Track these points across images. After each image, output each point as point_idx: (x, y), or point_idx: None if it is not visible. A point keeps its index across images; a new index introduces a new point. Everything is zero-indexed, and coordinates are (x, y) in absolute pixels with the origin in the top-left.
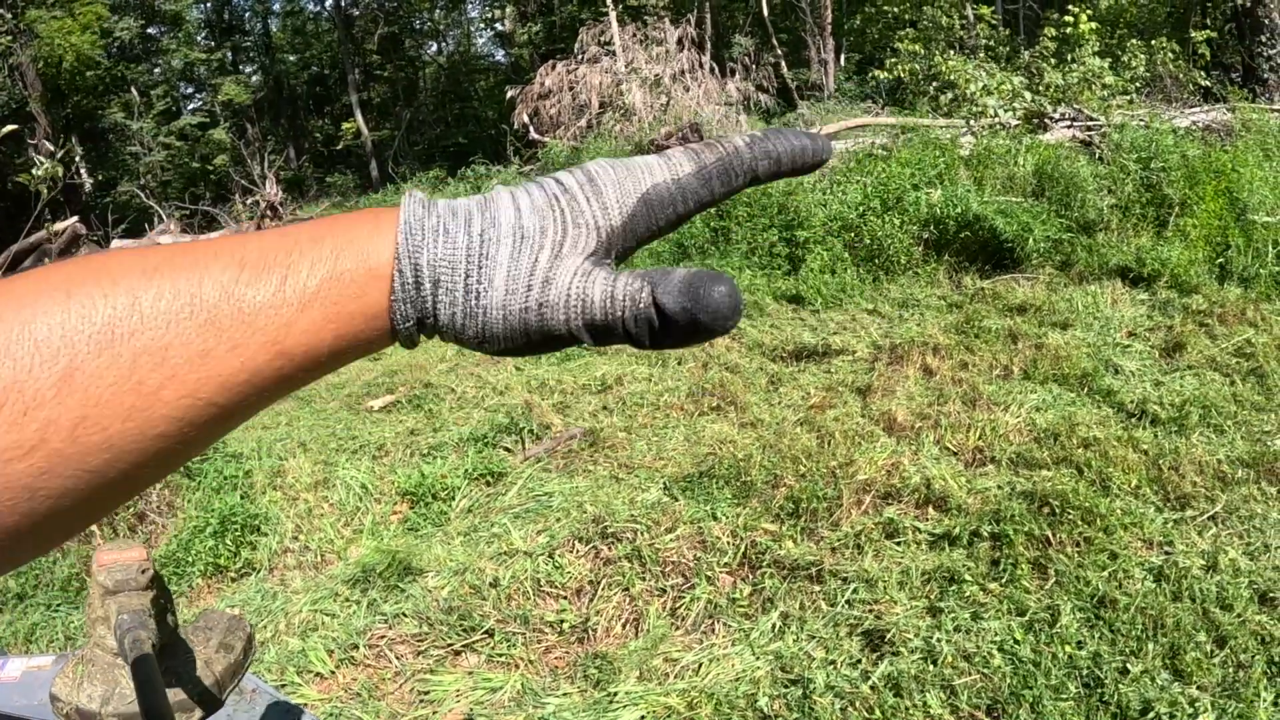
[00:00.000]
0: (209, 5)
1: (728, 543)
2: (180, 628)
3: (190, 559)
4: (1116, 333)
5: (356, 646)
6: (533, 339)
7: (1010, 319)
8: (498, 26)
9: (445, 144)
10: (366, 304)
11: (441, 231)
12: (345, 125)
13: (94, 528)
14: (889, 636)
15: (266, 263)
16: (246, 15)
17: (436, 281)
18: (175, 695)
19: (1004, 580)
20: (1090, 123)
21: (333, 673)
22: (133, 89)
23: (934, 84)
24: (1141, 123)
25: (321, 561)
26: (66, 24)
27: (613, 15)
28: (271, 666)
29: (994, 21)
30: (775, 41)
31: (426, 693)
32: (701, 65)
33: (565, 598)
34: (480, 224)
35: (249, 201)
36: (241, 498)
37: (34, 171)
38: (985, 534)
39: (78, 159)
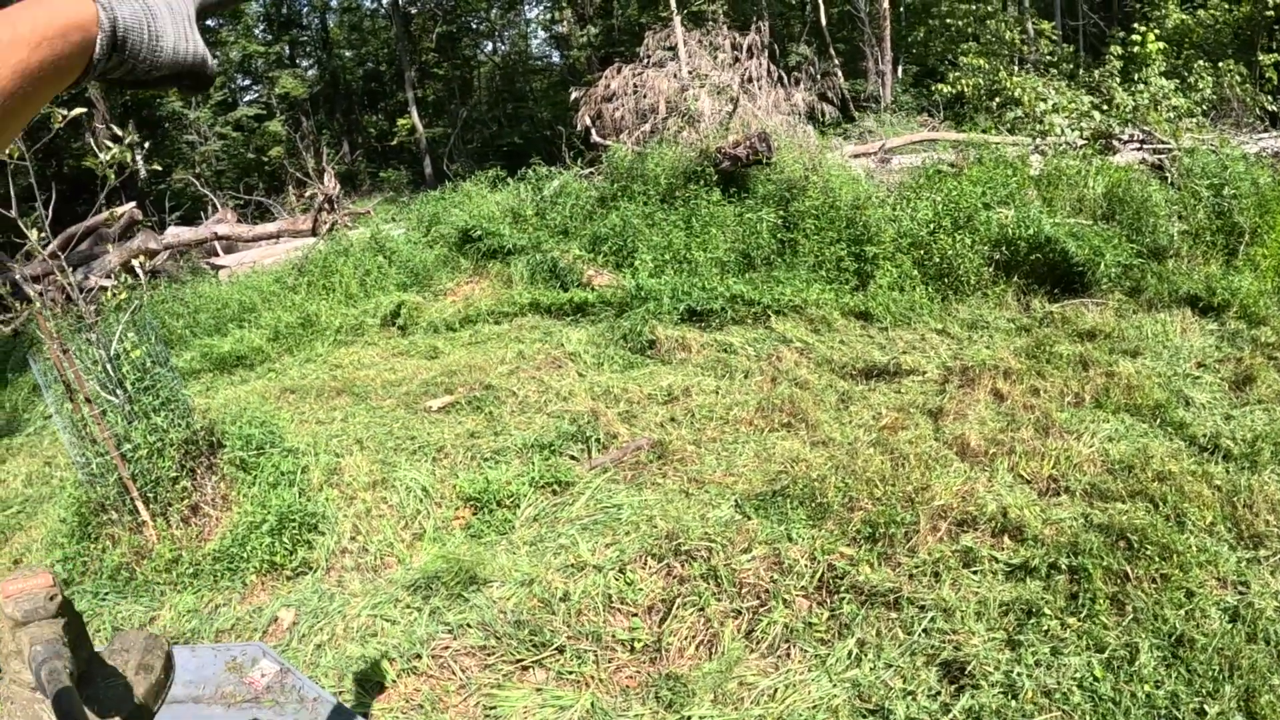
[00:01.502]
0: None
1: (805, 565)
2: (97, 653)
3: (245, 555)
4: (1186, 363)
5: (419, 656)
6: (181, 71)
7: (1080, 345)
8: (556, 29)
9: (499, 143)
10: (75, 43)
11: (124, 0)
12: (401, 121)
13: (147, 518)
14: (969, 669)
15: (12, 23)
16: (304, 10)
17: (127, 30)
18: None
19: (1083, 615)
20: (1160, 145)
21: (394, 682)
22: None
23: (997, 99)
24: (1212, 148)
25: (381, 564)
26: None
27: (677, 20)
28: (328, 672)
29: (1054, 37)
30: (833, 52)
31: (493, 708)
32: (770, 74)
33: (636, 615)
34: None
35: (306, 194)
36: (299, 494)
37: (101, 156)
38: (1063, 567)
39: (145, 146)
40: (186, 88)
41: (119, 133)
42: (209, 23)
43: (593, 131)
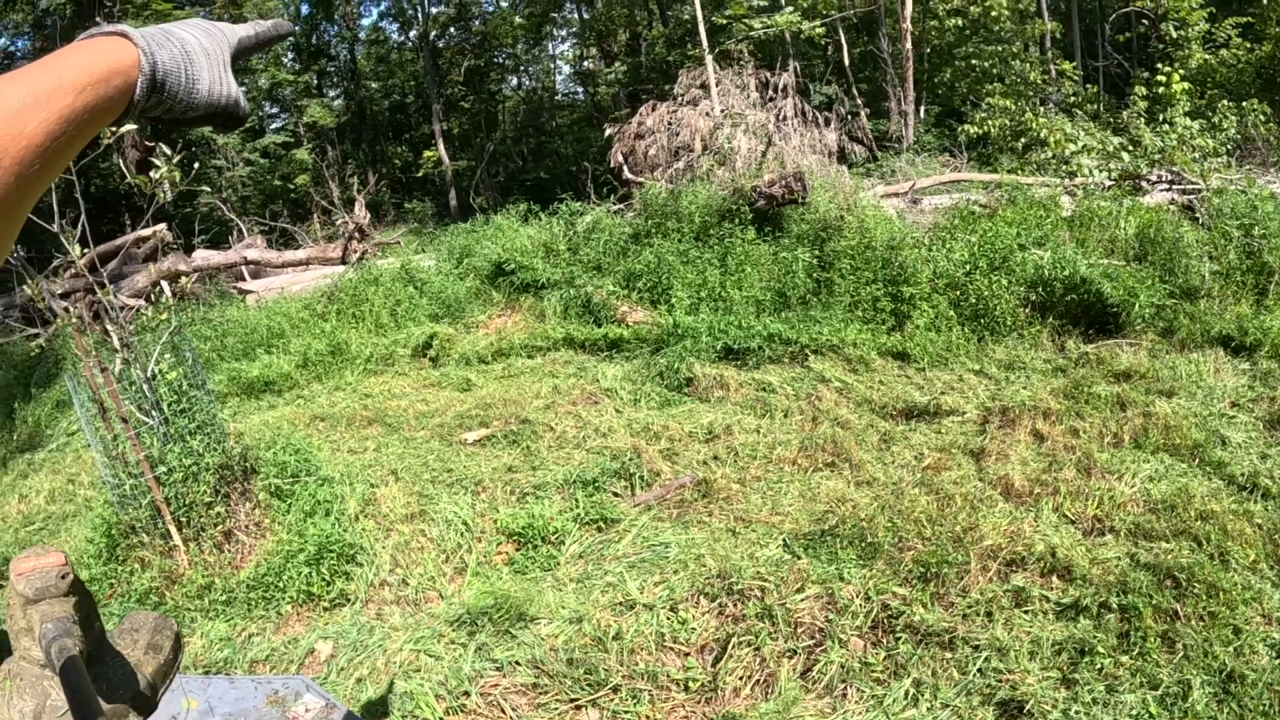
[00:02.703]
0: (297, 29)
1: (859, 605)
2: (106, 633)
3: (282, 584)
4: (1220, 403)
5: (468, 694)
6: (215, 111)
7: (1117, 385)
8: (585, 64)
9: (524, 178)
10: (116, 86)
11: (164, 44)
12: (427, 154)
13: (179, 542)
14: (1027, 708)
15: (58, 69)
16: (333, 41)
17: (166, 73)
18: (108, 702)
19: (1135, 653)
20: (1189, 186)
21: None
22: None
23: (1022, 140)
24: (1240, 188)
25: (422, 598)
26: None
27: (709, 58)
28: (371, 708)
29: (1075, 77)
30: (856, 91)
31: None
32: (804, 113)
33: (690, 654)
34: (180, 44)
35: (337, 222)
36: (334, 524)
37: (152, 174)
38: (1114, 605)
39: (195, 166)
40: (219, 126)
41: (167, 150)
42: None
43: (625, 168)
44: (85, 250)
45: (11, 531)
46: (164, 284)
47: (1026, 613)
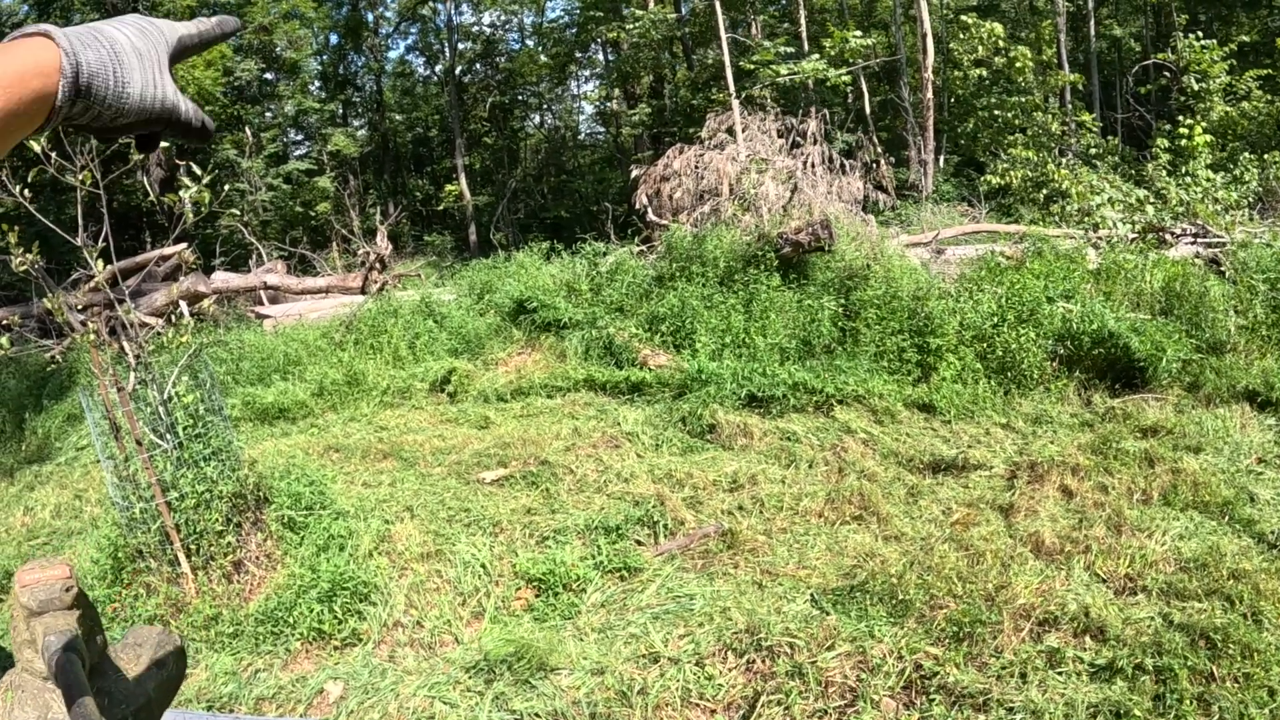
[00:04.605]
0: (325, 58)
1: (891, 665)
2: (109, 646)
3: (292, 620)
4: (1247, 459)
5: None
6: (150, 118)
7: (1145, 441)
8: (611, 104)
9: (544, 215)
10: (34, 90)
11: (90, 45)
12: (449, 187)
13: (187, 570)
14: None
15: None
16: (360, 72)
17: (91, 75)
18: (110, 716)
19: (1171, 716)
20: (1214, 239)
21: None
22: (246, 129)
23: (1044, 191)
24: (1263, 240)
25: (437, 642)
26: (192, 58)
27: (735, 104)
28: None
29: (1094, 128)
30: (876, 139)
31: None
32: (831, 160)
33: (716, 711)
34: (109, 43)
35: (360, 252)
36: (347, 560)
37: (181, 194)
38: (1149, 667)
39: (225, 189)
40: (177, 136)
41: (198, 170)
42: (268, 75)
43: (649, 210)
44: (110, 266)
45: (15, 544)
46: (182, 304)
47: (1061, 674)
